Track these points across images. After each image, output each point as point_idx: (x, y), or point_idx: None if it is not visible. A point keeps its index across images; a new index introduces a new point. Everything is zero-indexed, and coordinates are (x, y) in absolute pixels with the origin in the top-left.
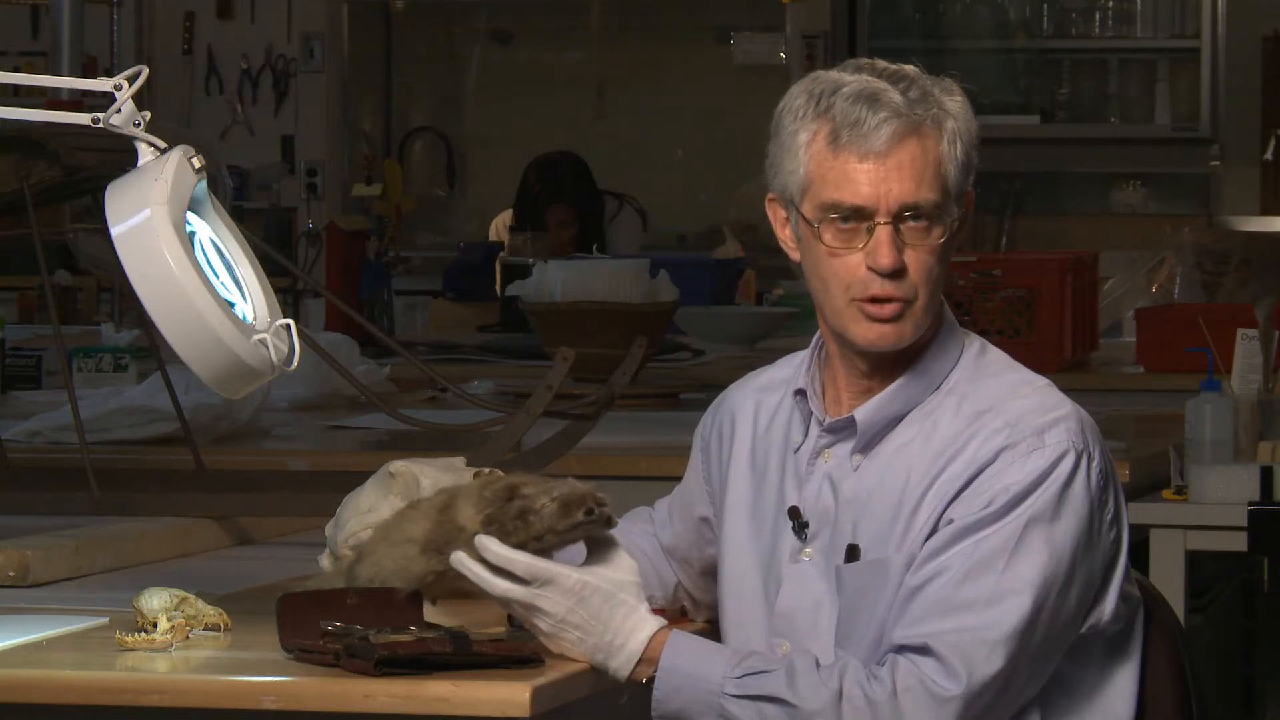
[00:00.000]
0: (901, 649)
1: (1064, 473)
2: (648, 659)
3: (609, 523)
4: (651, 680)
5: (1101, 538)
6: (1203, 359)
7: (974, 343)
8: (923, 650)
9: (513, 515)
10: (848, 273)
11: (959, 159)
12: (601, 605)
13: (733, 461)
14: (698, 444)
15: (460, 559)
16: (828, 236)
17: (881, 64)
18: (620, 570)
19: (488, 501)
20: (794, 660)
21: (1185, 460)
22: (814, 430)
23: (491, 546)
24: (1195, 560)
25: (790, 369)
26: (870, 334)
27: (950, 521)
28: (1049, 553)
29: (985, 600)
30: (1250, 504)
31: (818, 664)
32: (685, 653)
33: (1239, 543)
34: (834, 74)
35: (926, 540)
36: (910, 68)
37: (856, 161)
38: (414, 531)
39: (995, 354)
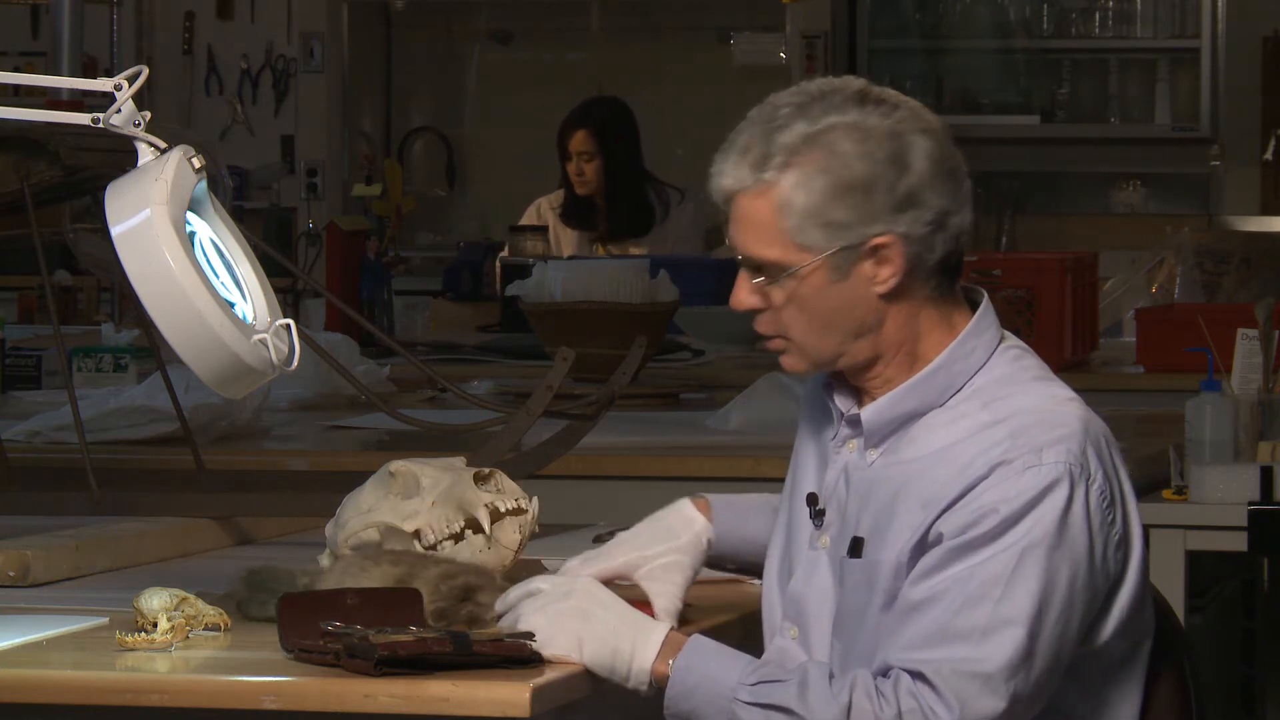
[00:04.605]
0: (902, 671)
1: (1061, 498)
2: (671, 643)
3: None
4: (663, 680)
5: (1106, 562)
6: (1203, 359)
7: (1010, 348)
8: (919, 677)
9: (462, 619)
10: None
11: (800, 220)
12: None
13: (796, 442)
14: None
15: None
16: None
17: (801, 92)
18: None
19: (443, 595)
20: (808, 671)
21: (1185, 460)
22: (839, 420)
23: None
24: (1195, 560)
25: None
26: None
27: (939, 535)
28: (1045, 582)
29: (981, 630)
30: (1250, 504)
31: (831, 677)
32: (703, 653)
33: (1239, 543)
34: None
35: (915, 544)
36: (806, 103)
37: None
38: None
39: (1031, 362)
